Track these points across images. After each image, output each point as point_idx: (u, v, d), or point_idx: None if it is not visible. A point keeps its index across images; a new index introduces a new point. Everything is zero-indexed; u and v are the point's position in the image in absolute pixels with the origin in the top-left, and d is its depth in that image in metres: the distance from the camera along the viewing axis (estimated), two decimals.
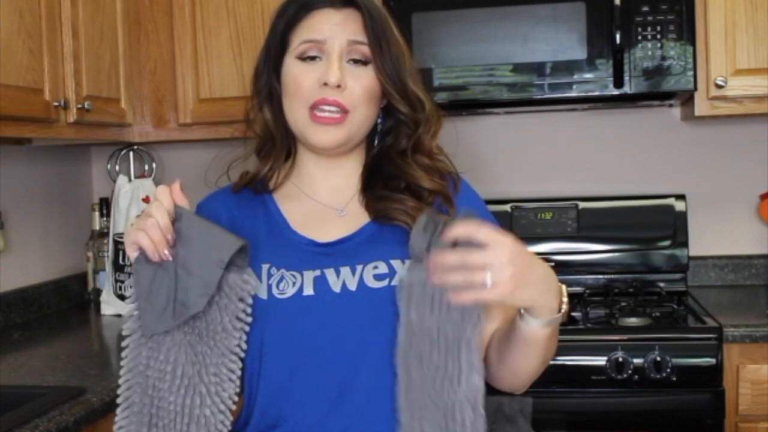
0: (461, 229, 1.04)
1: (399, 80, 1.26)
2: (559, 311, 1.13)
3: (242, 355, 1.17)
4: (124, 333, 1.18)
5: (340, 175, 1.32)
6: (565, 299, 1.14)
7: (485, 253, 1.02)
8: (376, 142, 1.33)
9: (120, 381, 1.18)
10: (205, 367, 1.15)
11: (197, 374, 1.15)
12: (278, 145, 1.31)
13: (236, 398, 1.17)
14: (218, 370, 1.15)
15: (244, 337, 1.17)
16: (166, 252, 1.13)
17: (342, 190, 1.31)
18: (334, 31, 1.24)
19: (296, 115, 1.26)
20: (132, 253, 1.15)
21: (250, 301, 1.17)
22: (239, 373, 1.17)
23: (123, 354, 1.18)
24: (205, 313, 1.15)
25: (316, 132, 1.24)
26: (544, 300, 1.10)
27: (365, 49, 1.24)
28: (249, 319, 1.17)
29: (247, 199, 1.31)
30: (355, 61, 1.25)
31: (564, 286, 1.14)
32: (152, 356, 1.16)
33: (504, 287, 1.03)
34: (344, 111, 1.23)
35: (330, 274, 1.21)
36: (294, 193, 1.32)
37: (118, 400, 1.18)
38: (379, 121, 1.31)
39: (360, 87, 1.24)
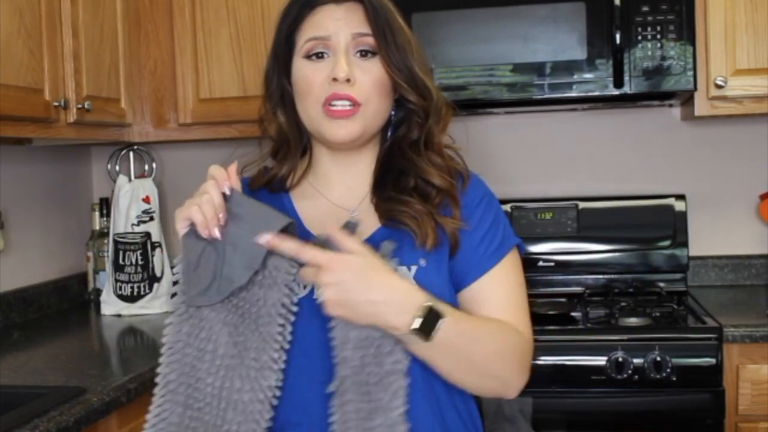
0: (289, 247, 1.13)
1: (407, 69, 1.25)
2: (415, 330, 1.11)
3: (286, 345, 1.15)
4: (169, 310, 1.18)
5: (355, 173, 1.32)
6: (417, 320, 1.11)
7: (314, 272, 1.11)
8: (389, 134, 1.33)
9: (160, 359, 1.16)
10: (246, 350, 1.13)
11: (238, 356, 1.13)
12: (293, 147, 1.32)
13: (278, 391, 1.14)
14: (258, 356, 1.13)
15: (289, 328, 1.15)
16: (216, 230, 1.14)
17: (355, 188, 1.31)
18: (337, 26, 1.24)
19: (310, 113, 1.26)
20: (181, 228, 1.16)
21: (296, 290, 1.16)
22: (282, 364, 1.15)
23: (165, 331, 1.17)
24: (249, 293, 1.14)
25: (330, 126, 1.24)
26: (382, 321, 1.12)
27: (371, 40, 1.24)
28: (294, 309, 1.16)
29: (264, 197, 1.30)
30: (363, 54, 1.25)
31: (431, 304, 1.12)
32: (193, 333, 1.14)
33: (329, 306, 1.10)
34: (356, 104, 1.23)
35: None
36: (310, 192, 1.32)
37: (157, 379, 1.16)
38: (392, 113, 1.31)
39: (369, 79, 1.24)
